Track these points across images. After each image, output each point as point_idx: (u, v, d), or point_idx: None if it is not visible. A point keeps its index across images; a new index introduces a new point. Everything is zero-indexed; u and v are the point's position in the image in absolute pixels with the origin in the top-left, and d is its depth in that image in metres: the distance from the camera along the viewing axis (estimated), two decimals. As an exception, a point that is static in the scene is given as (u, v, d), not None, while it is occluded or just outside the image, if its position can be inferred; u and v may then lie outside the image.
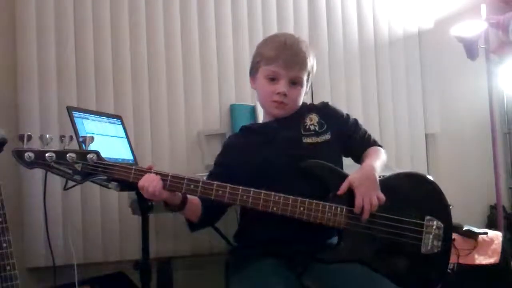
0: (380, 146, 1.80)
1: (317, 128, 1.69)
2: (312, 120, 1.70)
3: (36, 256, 2.47)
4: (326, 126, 1.70)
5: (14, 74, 2.54)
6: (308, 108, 1.76)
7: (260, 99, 1.76)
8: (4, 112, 2.50)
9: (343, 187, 1.57)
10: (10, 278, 1.63)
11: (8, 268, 1.63)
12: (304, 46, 1.69)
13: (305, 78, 1.69)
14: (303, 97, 1.74)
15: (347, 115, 1.78)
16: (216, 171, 1.70)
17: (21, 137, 1.42)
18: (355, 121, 1.79)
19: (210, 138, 2.79)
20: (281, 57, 1.65)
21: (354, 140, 1.75)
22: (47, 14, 2.57)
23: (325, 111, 1.74)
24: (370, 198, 1.54)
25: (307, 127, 1.69)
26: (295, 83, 1.67)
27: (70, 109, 2.08)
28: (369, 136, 1.80)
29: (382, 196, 1.56)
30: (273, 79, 1.67)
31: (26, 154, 1.41)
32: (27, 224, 2.48)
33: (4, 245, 1.64)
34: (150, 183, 1.46)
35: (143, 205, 1.97)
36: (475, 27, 2.96)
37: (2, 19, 2.57)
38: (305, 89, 1.71)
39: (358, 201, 1.54)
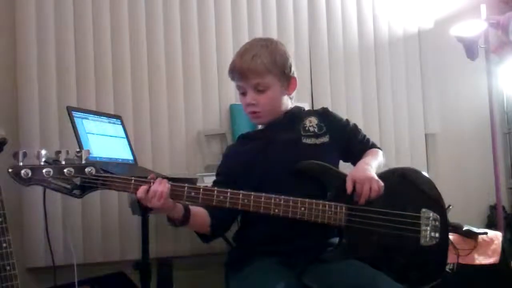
0: (379, 148, 1.81)
1: (316, 130, 1.70)
2: (312, 122, 1.71)
3: (36, 256, 2.47)
4: (325, 129, 1.71)
5: (14, 74, 2.53)
6: (307, 112, 1.78)
7: None
8: (4, 112, 2.49)
9: (349, 185, 1.58)
10: (10, 278, 1.63)
11: (8, 268, 1.63)
12: (261, 47, 1.66)
13: (270, 80, 1.66)
14: (290, 93, 1.73)
15: (347, 120, 1.80)
16: (219, 180, 1.71)
17: (15, 155, 1.37)
18: (354, 125, 1.80)
19: (210, 138, 2.79)
20: (235, 70, 1.68)
21: (353, 144, 1.77)
22: (47, 14, 2.57)
23: (324, 115, 1.76)
24: (370, 184, 1.56)
25: (307, 128, 1.70)
26: (260, 90, 1.66)
27: (70, 109, 2.08)
28: (368, 139, 1.81)
29: (381, 183, 1.58)
30: (242, 92, 1.70)
31: (23, 171, 1.36)
32: (27, 224, 2.48)
33: (4, 245, 1.64)
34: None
35: (143, 205, 1.97)
36: (475, 27, 2.96)
37: (2, 19, 2.56)
38: (278, 88, 1.68)
39: (358, 189, 1.56)
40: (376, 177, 1.59)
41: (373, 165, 1.66)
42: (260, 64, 1.63)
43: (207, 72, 2.82)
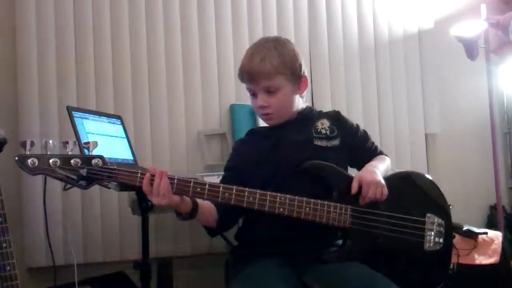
0: (386, 155, 1.81)
1: (328, 133, 1.69)
2: (324, 125, 1.70)
3: (36, 256, 2.47)
4: (336, 132, 1.70)
5: (14, 74, 2.54)
6: (319, 114, 1.77)
7: None
8: (4, 112, 2.50)
9: (354, 186, 1.57)
10: (10, 278, 1.63)
11: (8, 268, 1.63)
12: (270, 49, 1.64)
13: (281, 81, 1.64)
14: (301, 92, 1.72)
15: (357, 125, 1.79)
16: (227, 176, 1.71)
17: (23, 144, 1.38)
18: (364, 132, 1.80)
19: (210, 138, 2.79)
20: (245, 73, 1.66)
21: (362, 151, 1.77)
22: (47, 14, 2.57)
23: (336, 119, 1.75)
24: (376, 188, 1.56)
25: (319, 130, 1.69)
26: (271, 91, 1.64)
27: (70, 109, 2.08)
28: (376, 147, 1.82)
29: (386, 191, 1.58)
30: (252, 94, 1.68)
31: (29, 160, 1.36)
32: (27, 224, 2.48)
33: (4, 245, 1.64)
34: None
35: (143, 205, 1.97)
36: (475, 27, 2.96)
37: (2, 19, 2.57)
38: (289, 89, 1.66)
39: (364, 190, 1.56)
40: (383, 182, 1.59)
41: (381, 169, 1.66)
42: (269, 67, 1.61)
43: (207, 72, 2.82)
